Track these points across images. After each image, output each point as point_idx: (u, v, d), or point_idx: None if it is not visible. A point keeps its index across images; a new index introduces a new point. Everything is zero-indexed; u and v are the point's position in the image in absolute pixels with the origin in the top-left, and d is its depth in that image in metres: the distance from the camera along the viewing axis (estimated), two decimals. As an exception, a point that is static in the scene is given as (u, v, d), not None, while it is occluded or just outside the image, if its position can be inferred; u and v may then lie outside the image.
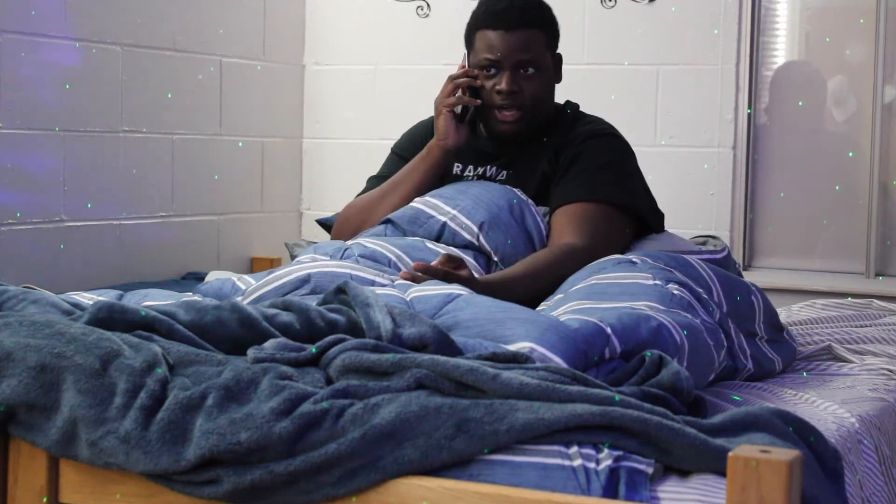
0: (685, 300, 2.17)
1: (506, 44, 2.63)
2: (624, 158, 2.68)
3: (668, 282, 2.22)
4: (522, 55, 2.64)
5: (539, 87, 2.67)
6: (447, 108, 2.68)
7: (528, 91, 2.65)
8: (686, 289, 2.22)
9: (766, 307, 2.41)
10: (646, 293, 2.15)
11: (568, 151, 2.64)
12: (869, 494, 1.98)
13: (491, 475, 1.56)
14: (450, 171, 2.75)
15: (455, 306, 2.03)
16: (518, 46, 2.64)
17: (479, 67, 2.68)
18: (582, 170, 2.60)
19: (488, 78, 2.66)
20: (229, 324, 1.86)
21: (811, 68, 3.73)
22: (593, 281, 2.25)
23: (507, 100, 2.64)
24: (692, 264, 2.34)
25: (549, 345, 1.83)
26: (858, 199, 3.62)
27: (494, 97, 2.65)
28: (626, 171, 2.66)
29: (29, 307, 1.95)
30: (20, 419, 1.72)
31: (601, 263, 2.34)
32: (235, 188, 3.91)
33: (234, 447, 1.58)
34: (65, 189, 3.29)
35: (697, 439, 1.54)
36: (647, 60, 3.72)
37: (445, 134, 2.68)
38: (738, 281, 2.41)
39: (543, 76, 2.68)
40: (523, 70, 2.65)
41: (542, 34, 2.68)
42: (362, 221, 2.71)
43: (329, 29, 4.13)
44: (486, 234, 2.49)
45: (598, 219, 2.55)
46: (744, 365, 2.27)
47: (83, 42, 3.33)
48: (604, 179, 2.59)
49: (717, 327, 2.20)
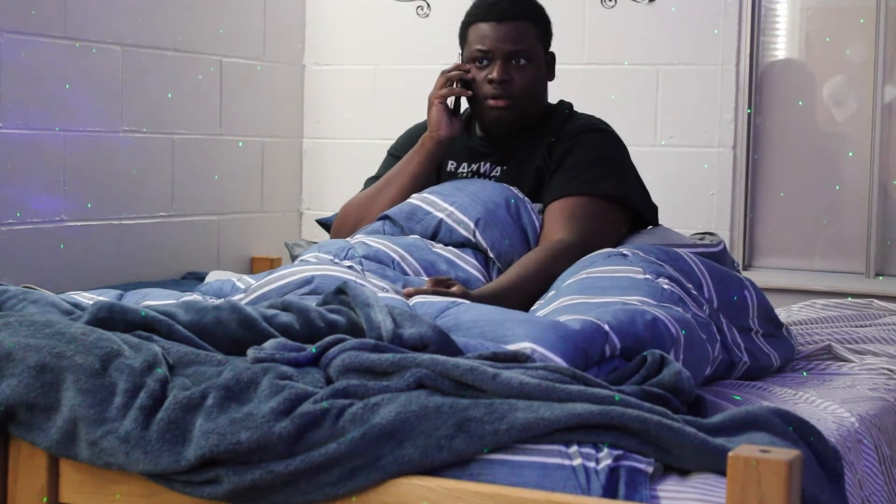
0: (675, 294, 2.18)
1: (497, 35, 2.67)
2: (615, 152, 2.69)
3: (659, 276, 2.22)
4: (514, 45, 2.67)
5: (530, 78, 2.68)
6: (438, 99, 2.71)
7: (519, 81, 2.67)
8: (676, 283, 2.22)
9: (759, 302, 2.41)
10: (637, 287, 2.15)
11: (560, 146, 2.65)
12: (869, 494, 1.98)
13: (491, 475, 1.56)
14: (444, 168, 2.76)
15: (457, 310, 2.04)
16: (509, 37, 2.67)
17: (471, 60, 2.71)
18: (573, 164, 2.62)
19: (480, 69, 2.69)
20: (229, 324, 1.87)
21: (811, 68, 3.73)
22: (584, 275, 2.25)
23: (498, 89, 2.66)
24: (684, 258, 2.34)
25: (549, 344, 1.83)
26: (858, 199, 3.62)
27: (486, 87, 2.67)
28: (618, 164, 2.67)
29: (29, 307, 1.95)
30: (20, 419, 1.72)
31: (592, 257, 2.35)
32: (235, 188, 3.91)
33: (234, 447, 1.58)
34: (65, 189, 3.29)
35: (697, 439, 1.54)
36: (647, 60, 3.72)
37: (437, 125, 2.71)
38: (731, 275, 2.41)
39: (535, 69, 2.70)
40: (515, 61, 2.67)
41: (533, 27, 2.71)
42: (360, 217, 2.73)
43: (329, 29, 4.13)
44: (482, 231, 2.50)
45: (591, 213, 2.56)
46: (739, 358, 2.27)
47: (83, 42, 3.33)
48: (596, 173, 2.60)
49: (708, 321, 2.20)
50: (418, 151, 2.73)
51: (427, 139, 2.72)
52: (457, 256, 2.49)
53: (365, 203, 2.76)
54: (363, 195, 2.79)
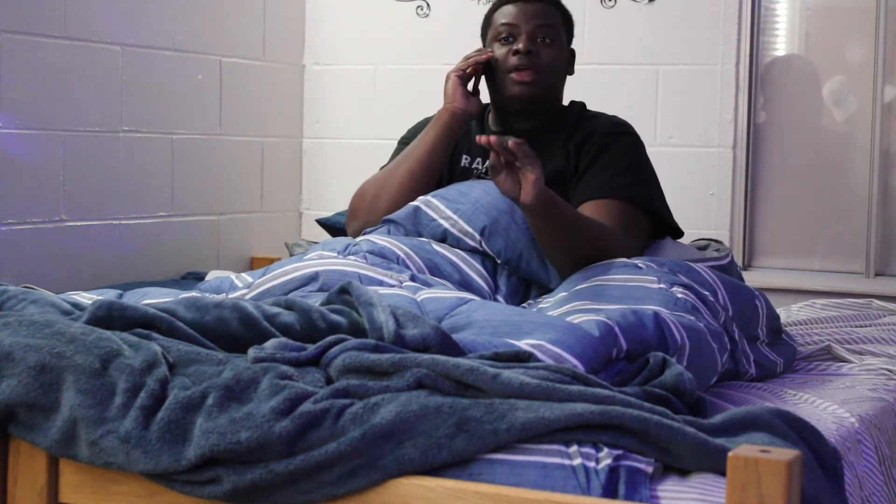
0: (689, 303, 2.17)
1: (524, 13, 2.68)
2: (646, 160, 2.70)
3: (673, 285, 2.21)
4: (540, 21, 2.67)
5: (555, 56, 2.69)
6: (456, 73, 2.70)
7: (545, 56, 2.66)
8: (691, 291, 2.22)
9: (768, 311, 2.42)
10: (650, 297, 2.14)
11: (591, 144, 2.63)
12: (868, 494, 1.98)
13: (491, 474, 1.56)
14: (458, 163, 2.75)
15: (468, 308, 2.04)
16: (537, 13, 2.68)
17: (496, 39, 2.70)
18: (609, 166, 2.60)
19: (504, 45, 2.68)
20: (230, 322, 1.87)
21: (811, 68, 3.73)
22: (598, 282, 2.25)
23: (524, 59, 2.64)
24: (697, 269, 2.34)
25: (566, 346, 1.83)
26: (858, 199, 3.61)
27: (510, 60, 2.66)
28: (649, 173, 2.68)
29: (29, 307, 1.95)
30: (20, 419, 1.72)
31: (606, 265, 2.33)
32: (235, 188, 3.91)
33: (234, 446, 1.58)
34: (65, 189, 3.29)
35: (697, 439, 1.54)
36: (647, 60, 3.72)
37: (453, 97, 2.70)
38: (742, 286, 2.42)
39: (558, 51, 2.70)
40: (541, 39, 2.67)
41: (558, 14, 2.73)
42: (378, 192, 2.71)
43: (329, 29, 4.13)
44: (488, 240, 2.48)
45: (629, 215, 2.55)
46: (745, 370, 2.27)
47: (83, 42, 3.33)
48: (629, 180, 2.59)
49: (721, 330, 2.20)
50: (434, 125, 2.71)
51: (442, 111, 2.70)
52: (462, 261, 2.47)
53: (383, 178, 2.73)
54: (381, 171, 2.78)
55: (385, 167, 2.79)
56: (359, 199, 2.75)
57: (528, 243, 2.48)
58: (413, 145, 2.73)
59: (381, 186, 2.71)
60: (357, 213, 2.74)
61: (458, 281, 2.42)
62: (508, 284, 2.48)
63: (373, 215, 2.69)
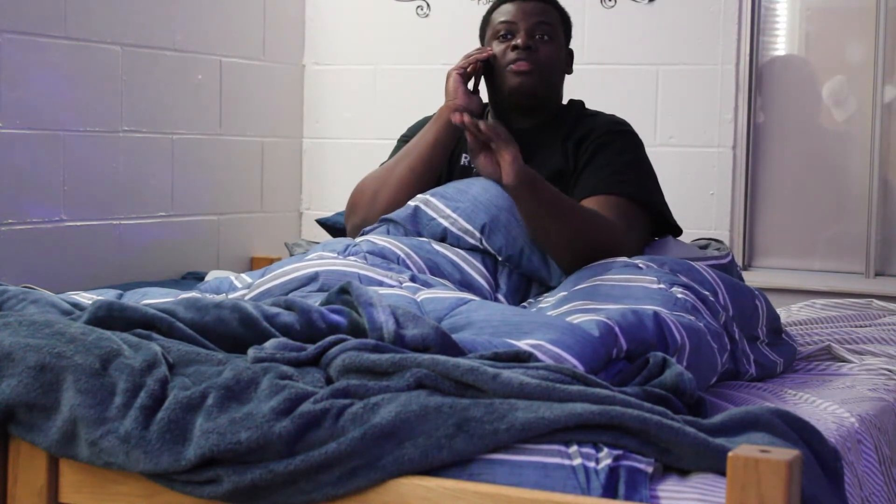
0: (689, 303, 2.17)
1: (522, 10, 2.70)
2: (645, 158, 2.70)
3: (673, 285, 2.22)
4: (539, 18, 2.69)
5: (553, 53, 2.70)
6: (457, 70, 2.71)
7: (543, 53, 2.68)
8: (691, 291, 2.22)
9: (768, 311, 2.42)
10: (650, 297, 2.14)
11: (590, 142, 2.64)
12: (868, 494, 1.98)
13: (491, 475, 1.56)
14: (457, 162, 2.75)
15: (468, 308, 2.04)
16: (535, 10, 2.70)
17: (494, 37, 2.72)
18: (607, 163, 2.60)
19: (503, 42, 2.70)
20: (230, 323, 1.87)
21: (811, 68, 3.73)
22: (597, 282, 2.25)
23: (522, 54, 2.66)
24: (697, 269, 2.34)
25: (566, 346, 1.83)
26: (858, 199, 3.62)
27: (508, 55, 2.68)
28: (648, 170, 2.68)
29: (29, 307, 1.95)
30: (20, 419, 1.72)
31: (607, 265, 2.34)
32: (235, 188, 3.91)
33: (234, 447, 1.58)
34: (65, 189, 3.29)
35: (697, 439, 1.54)
36: (647, 60, 3.72)
37: (454, 94, 2.71)
38: (743, 286, 2.42)
39: (557, 49, 2.71)
40: (539, 36, 2.69)
41: (556, 13, 2.75)
42: (378, 188, 2.71)
43: (329, 29, 4.13)
44: (489, 237, 2.48)
45: (629, 211, 2.55)
46: (746, 370, 2.27)
47: (83, 42, 3.33)
48: (628, 176, 2.59)
49: (721, 330, 2.20)
50: (436, 122, 2.71)
51: (444, 109, 2.71)
52: (463, 260, 2.47)
53: (383, 174, 2.74)
54: (381, 168, 2.78)
55: (385, 164, 2.79)
56: (358, 195, 2.75)
57: (529, 239, 2.49)
58: (414, 142, 2.73)
59: (382, 182, 2.71)
60: (356, 208, 2.74)
61: (458, 280, 2.41)
62: (509, 283, 2.48)
63: (372, 211, 2.69)
